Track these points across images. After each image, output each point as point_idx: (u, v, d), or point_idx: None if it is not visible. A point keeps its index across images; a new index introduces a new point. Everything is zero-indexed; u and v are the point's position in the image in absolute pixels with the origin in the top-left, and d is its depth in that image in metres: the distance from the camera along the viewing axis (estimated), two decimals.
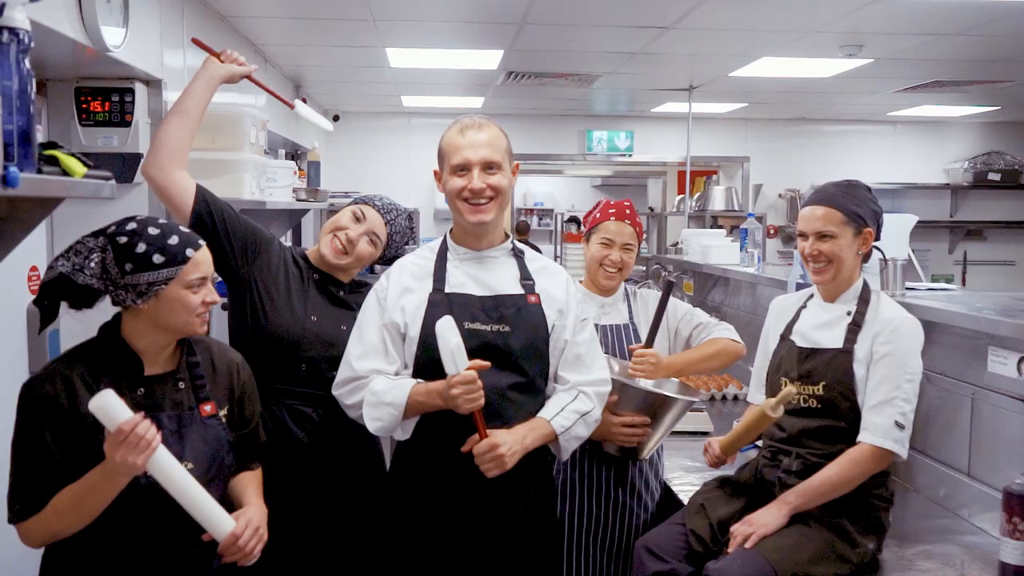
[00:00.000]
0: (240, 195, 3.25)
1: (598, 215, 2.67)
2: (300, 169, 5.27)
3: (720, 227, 7.43)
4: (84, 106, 2.81)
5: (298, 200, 4.43)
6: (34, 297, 2.49)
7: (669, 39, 4.54)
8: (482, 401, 1.93)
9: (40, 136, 1.98)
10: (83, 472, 1.68)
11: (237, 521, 1.78)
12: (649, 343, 2.52)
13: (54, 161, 1.57)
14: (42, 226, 2.63)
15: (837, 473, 2.17)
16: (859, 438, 2.20)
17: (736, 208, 7.96)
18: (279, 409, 2.31)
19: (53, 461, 1.71)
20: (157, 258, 1.76)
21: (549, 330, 2.13)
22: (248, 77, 2.53)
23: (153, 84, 2.93)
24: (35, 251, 2.54)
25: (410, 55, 5.11)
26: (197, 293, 1.81)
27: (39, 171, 1.49)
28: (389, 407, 2.01)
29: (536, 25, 4.27)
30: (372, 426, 2.04)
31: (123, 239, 1.77)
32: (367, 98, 7.07)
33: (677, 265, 5.60)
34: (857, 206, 2.27)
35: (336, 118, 7.67)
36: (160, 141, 2.30)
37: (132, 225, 1.80)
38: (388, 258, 2.52)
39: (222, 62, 2.44)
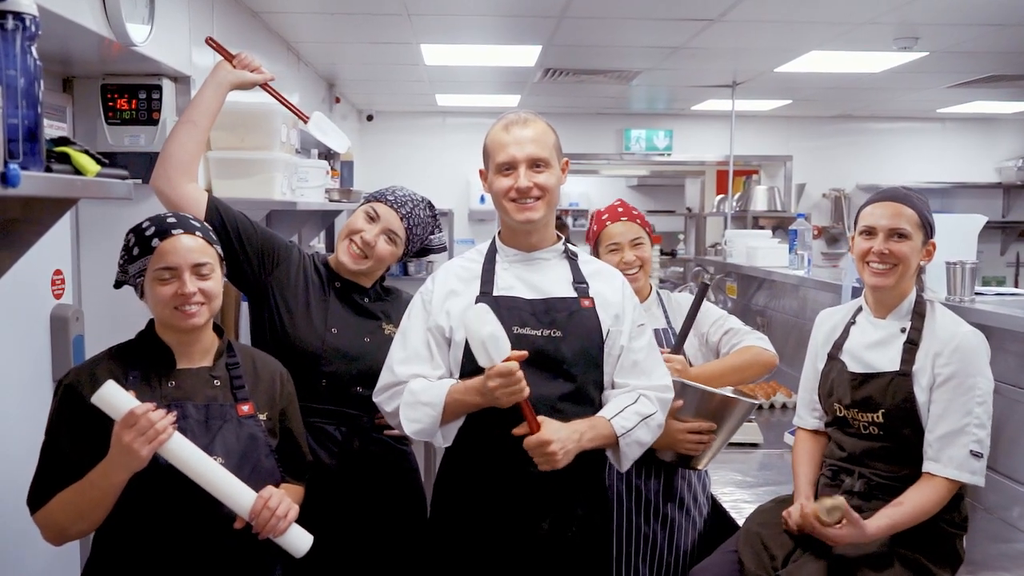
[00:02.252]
0: (271, 195, 3.16)
1: (595, 227, 2.57)
2: (333, 169, 5.18)
3: (762, 228, 7.24)
4: (110, 104, 2.76)
5: (331, 201, 4.33)
6: (58, 302, 2.44)
7: (714, 33, 4.38)
8: (525, 393, 1.80)
9: (66, 135, 1.89)
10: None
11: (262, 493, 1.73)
12: (678, 349, 2.40)
13: (65, 159, 1.46)
14: (67, 229, 2.57)
15: (914, 513, 2.00)
16: (930, 469, 2.02)
17: (778, 208, 7.76)
18: None
19: (63, 453, 1.69)
20: (135, 250, 1.78)
21: (604, 336, 1.99)
22: (263, 86, 2.41)
23: (181, 81, 2.85)
24: (59, 254, 2.46)
25: (445, 52, 5.00)
26: (167, 284, 1.75)
27: (48, 169, 1.39)
28: (427, 407, 1.90)
29: (575, 19, 4.14)
30: (410, 428, 1.93)
31: (128, 234, 1.81)
32: (401, 97, 6.98)
33: (719, 267, 5.43)
34: (929, 214, 2.13)
35: (370, 118, 7.60)
36: (168, 154, 2.20)
37: (142, 219, 1.83)
38: (415, 252, 2.41)
39: (234, 67, 2.33)
